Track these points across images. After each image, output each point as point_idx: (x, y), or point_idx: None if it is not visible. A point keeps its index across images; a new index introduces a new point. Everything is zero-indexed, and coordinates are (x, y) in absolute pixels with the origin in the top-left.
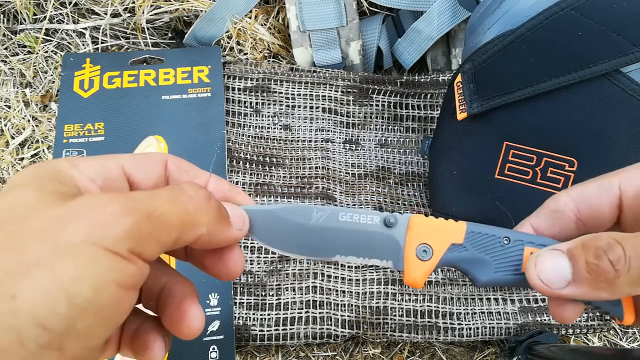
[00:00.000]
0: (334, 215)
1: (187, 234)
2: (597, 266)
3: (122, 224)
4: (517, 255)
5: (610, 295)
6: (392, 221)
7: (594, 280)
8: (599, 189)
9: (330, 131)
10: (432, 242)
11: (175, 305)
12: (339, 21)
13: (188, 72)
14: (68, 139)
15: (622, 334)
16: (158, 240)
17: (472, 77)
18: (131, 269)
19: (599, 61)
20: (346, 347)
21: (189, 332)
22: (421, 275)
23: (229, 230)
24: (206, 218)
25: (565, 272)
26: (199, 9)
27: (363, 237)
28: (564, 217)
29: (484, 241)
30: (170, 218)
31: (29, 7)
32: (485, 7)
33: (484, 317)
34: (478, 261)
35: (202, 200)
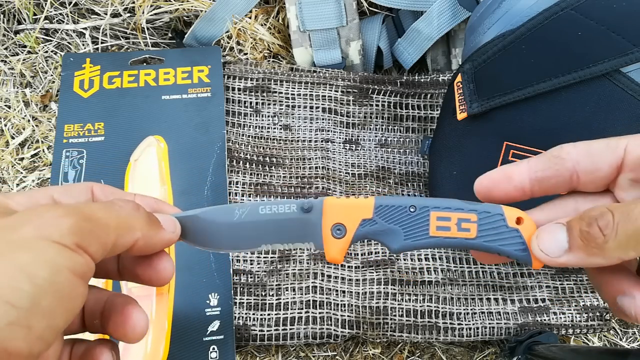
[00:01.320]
0: (254, 209)
1: (124, 237)
2: (588, 233)
3: (65, 222)
4: (424, 221)
5: (603, 260)
6: (308, 207)
7: (586, 246)
8: (605, 146)
9: (330, 131)
10: (345, 221)
11: (118, 311)
12: (339, 21)
13: (188, 72)
14: (68, 139)
15: (622, 334)
16: (99, 238)
17: (472, 77)
18: (79, 260)
19: (598, 61)
20: (346, 347)
21: (134, 333)
22: (338, 252)
23: (162, 233)
24: (138, 222)
25: (563, 242)
26: (199, 9)
27: (284, 225)
28: (562, 163)
29: (392, 212)
30: (107, 221)
31: (29, 7)
32: (485, 7)
33: (484, 317)
34: (388, 231)
35: (131, 208)
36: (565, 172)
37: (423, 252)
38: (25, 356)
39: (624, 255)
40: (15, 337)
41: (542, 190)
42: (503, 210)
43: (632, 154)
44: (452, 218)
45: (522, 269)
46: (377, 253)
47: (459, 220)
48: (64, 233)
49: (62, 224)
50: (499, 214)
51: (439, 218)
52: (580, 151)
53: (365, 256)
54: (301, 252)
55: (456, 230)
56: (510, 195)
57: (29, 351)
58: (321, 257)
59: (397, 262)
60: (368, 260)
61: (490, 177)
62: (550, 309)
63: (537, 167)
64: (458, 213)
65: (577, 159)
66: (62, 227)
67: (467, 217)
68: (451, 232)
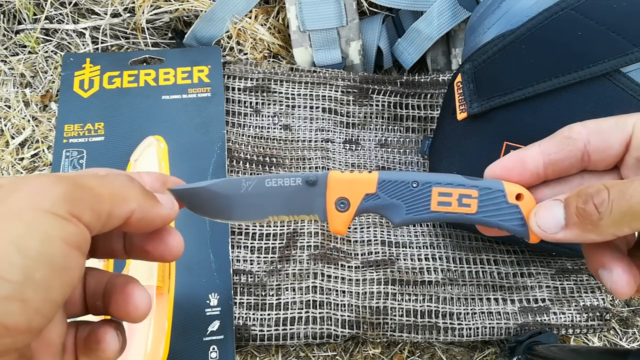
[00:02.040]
0: (260, 182)
1: (120, 206)
2: (584, 210)
3: (56, 190)
4: (426, 196)
5: (598, 236)
6: (313, 179)
7: (581, 223)
8: (615, 124)
9: (330, 131)
10: (348, 195)
11: (119, 291)
12: (339, 21)
13: (188, 72)
14: (68, 139)
15: (622, 334)
16: (92, 207)
17: (472, 77)
18: (72, 228)
19: (598, 61)
20: (346, 347)
21: (137, 312)
22: (342, 224)
23: (159, 207)
24: (132, 193)
25: (559, 218)
26: (199, 9)
27: (289, 197)
28: (573, 144)
29: (395, 188)
30: (100, 190)
31: (29, 7)
32: (485, 7)
33: (484, 317)
34: (391, 206)
35: (125, 180)
36: (577, 152)
37: (423, 253)
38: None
39: (617, 232)
40: (12, 311)
41: (556, 173)
42: (504, 187)
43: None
44: (454, 194)
45: (522, 269)
46: (377, 253)
47: (460, 196)
48: (55, 201)
49: (53, 192)
50: (499, 189)
51: (440, 194)
52: (590, 130)
53: (365, 256)
54: (301, 252)
55: (457, 205)
56: (526, 181)
57: (28, 325)
58: (321, 257)
59: (397, 262)
60: (368, 260)
61: (502, 165)
62: (550, 309)
63: (549, 149)
64: (459, 189)
65: (587, 138)
66: (53, 195)
67: (468, 192)
68: (452, 208)
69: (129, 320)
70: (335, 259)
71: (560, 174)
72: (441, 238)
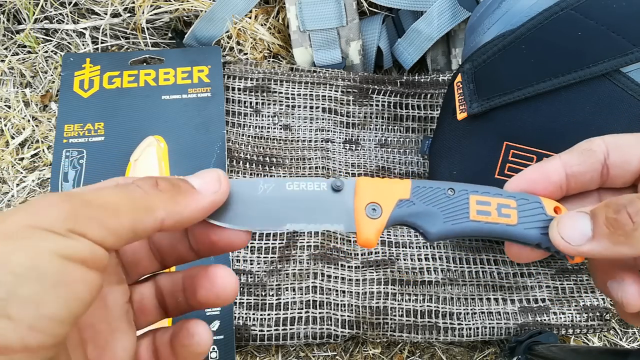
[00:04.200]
0: (280, 185)
1: (143, 219)
2: (616, 220)
3: (57, 209)
4: (464, 204)
5: (630, 249)
6: (339, 185)
7: (612, 234)
8: (635, 140)
9: (330, 131)
10: (380, 200)
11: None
12: (339, 21)
13: (188, 72)
14: (68, 139)
15: (622, 334)
16: (104, 223)
17: (472, 77)
18: (72, 244)
19: (598, 61)
20: (346, 347)
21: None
22: (373, 233)
23: (196, 200)
24: (158, 200)
25: (586, 229)
26: (199, 9)
27: (312, 204)
28: (594, 156)
29: (430, 194)
30: (117, 204)
31: (29, 7)
32: (485, 7)
33: (484, 317)
34: (427, 213)
35: (149, 186)
36: (598, 165)
37: (423, 253)
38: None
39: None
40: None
41: (577, 187)
42: (540, 199)
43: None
44: (492, 203)
45: (522, 269)
46: (377, 253)
47: (499, 206)
48: (54, 219)
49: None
50: (537, 201)
51: (478, 202)
52: (610, 144)
53: (365, 256)
54: (301, 252)
55: (497, 215)
56: (549, 194)
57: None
58: (321, 257)
59: (397, 262)
60: (368, 260)
61: (526, 177)
62: (550, 309)
63: (571, 161)
64: (497, 198)
65: (607, 151)
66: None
67: (507, 202)
68: (492, 217)
69: (219, 304)
70: (335, 259)
71: (581, 188)
72: None
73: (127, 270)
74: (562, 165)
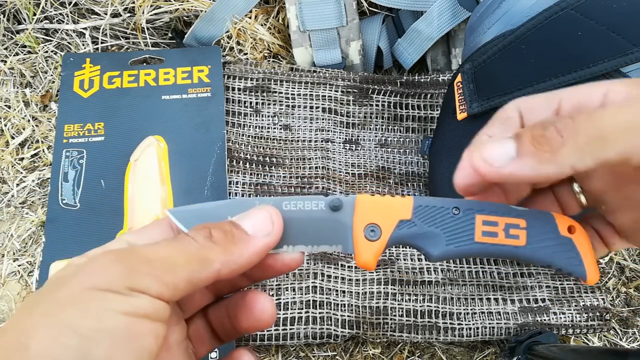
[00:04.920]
0: (277, 205)
1: (200, 272)
2: (543, 136)
3: (115, 269)
4: (469, 225)
5: (554, 168)
6: (338, 204)
7: (537, 152)
8: (544, 101)
9: (330, 131)
10: (379, 221)
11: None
12: (339, 21)
13: (188, 72)
14: (68, 139)
15: (622, 334)
16: (162, 279)
17: (472, 77)
18: (134, 301)
19: (598, 61)
20: (346, 347)
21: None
22: (372, 256)
23: (248, 247)
24: (213, 253)
25: (510, 150)
26: (199, 9)
27: (310, 225)
28: (512, 122)
29: (433, 214)
30: (173, 259)
31: (29, 7)
32: (485, 7)
33: (484, 317)
34: (428, 235)
35: (203, 239)
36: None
37: None
38: None
39: (579, 162)
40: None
41: None
42: (554, 217)
43: (564, 107)
44: (500, 223)
45: (522, 269)
46: None
47: (507, 226)
48: (112, 280)
49: (111, 271)
50: (549, 221)
51: (485, 222)
52: (522, 107)
53: None
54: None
55: (504, 236)
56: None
57: None
58: (321, 257)
59: (397, 262)
60: None
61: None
62: (550, 309)
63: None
64: (506, 217)
65: (521, 115)
66: (111, 274)
67: (516, 222)
68: (498, 239)
69: (260, 328)
70: (335, 259)
71: None
72: None
73: (181, 307)
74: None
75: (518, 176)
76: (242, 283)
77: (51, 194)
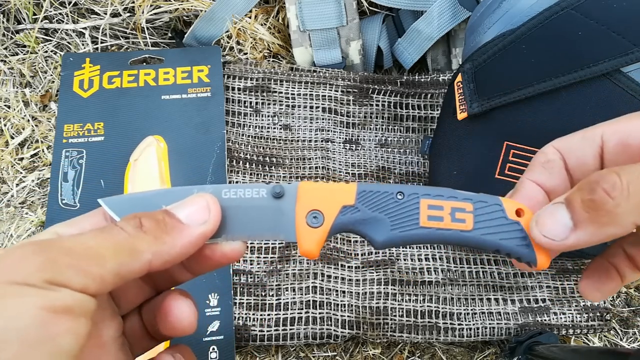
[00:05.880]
0: (216, 193)
1: (130, 263)
2: (593, 201)
3: (32, 261)
4: (414, 209)
5: (617, 228)
6: (280, 191)
7: (594, 217)
8: (582, 140)
9: (330, 131)
10: (322, 207)
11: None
12: (339, 21)
13: (188, 72)
14: (68, 139)
15: (623, 334)
16: (86, 271)
17: (472, 77)
18: (53, 295)
19: (599, 61)
20: (346, 348)
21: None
22: (314, 244)
23: (182, 236)
24: (144, 243)
25: (566, 220)
26: (198, 9)
27: (251, 213)
28: (555, 166)
29: (377, 199)
30: (99, 250)
31: (28, 7)
32: (485, 7)
33: (484, 318)
34: (372, 221)
35: (132, 229)
36: (563, 172)
37: (423, 253)
38: None
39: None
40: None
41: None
42: (501, 201)
43: (609, 143)
44: (445, 207)
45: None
46: (377, 253)
47: (453, 210)
48: (30, 272)
49: (27, 264)
50: (496, 204)
51: (430, 206)
52: (562, 149)
53: (366, 256)
54: None
55: (450, 220)
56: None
57: None
58: (321, 257)
59: (397, 262)
60: (368, 260)
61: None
62: (550, 309)
63: (541, 180)
64: (451, 201)
65: (562, 157)
66: (27, 267)
67: (462, 206)
68: (444, 223)
69: (178, 335)
70: (335, 259)
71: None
72: None
73: (117, 302)
74: (537, 186)
75: (583, 244)
76: (182, 277)
77: (51, 194)
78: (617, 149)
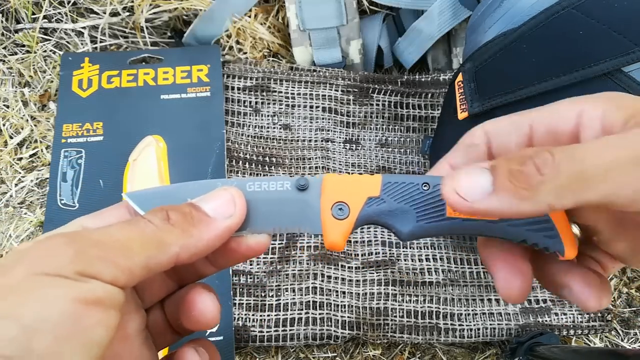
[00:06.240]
0: (240, 186)
1: (157, 256)
2: (520, 172)
3: (64, 252)
4: (440, 200)
5: (532, 206)
6: (304, 184)
7: (515, 188)
8: (509, 125)
9: (331, 131)
10: (347, 199)
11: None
12: (339, 20)
13: (187, 72)
14: (67, 139)
15: (624, 335)
16: (115, 263)
17: (473, 77)
18: (85, 287)
19: (600, 60)
20: (346, 348)
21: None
22: (340, 236)
23: (209, 230)
24: (171, 236)
25: (486, 184)
26: (198, 8)
27: (275, 206)
28: (476, 150)
29: (403, 190)
30: (128, 242)
31: (27, 7)
32: (486, 6)
33: (485, 318)
34: (398, 212)
35: (160, 221)
36: (483, 157)
37: (424, 253)
38: None
39: (557, 202)
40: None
41: None
42: None
43: (538, 132)
44: None
45: None
46: (377, 254)
47: None
48: (61, 264)
49: (58, 255)
50: None
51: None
52: (490, 132)
53: (366, 257)
54: (301, 253)
55: None
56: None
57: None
58: (321, 258)
59: (398, 262)
60: (368, 260)
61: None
62: (551, 310)
63: (455, 160)
64: None
65: (489, 141)
66: (58, 259)
67: None
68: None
69: (201, 329)
70: (335, 260)
71: None
72: (442, 238)
73: (140, 295)
74: (450, 168)
75: (492, 213)
76: (206, 270)
77: (50, 194)
78: (547, 137)
